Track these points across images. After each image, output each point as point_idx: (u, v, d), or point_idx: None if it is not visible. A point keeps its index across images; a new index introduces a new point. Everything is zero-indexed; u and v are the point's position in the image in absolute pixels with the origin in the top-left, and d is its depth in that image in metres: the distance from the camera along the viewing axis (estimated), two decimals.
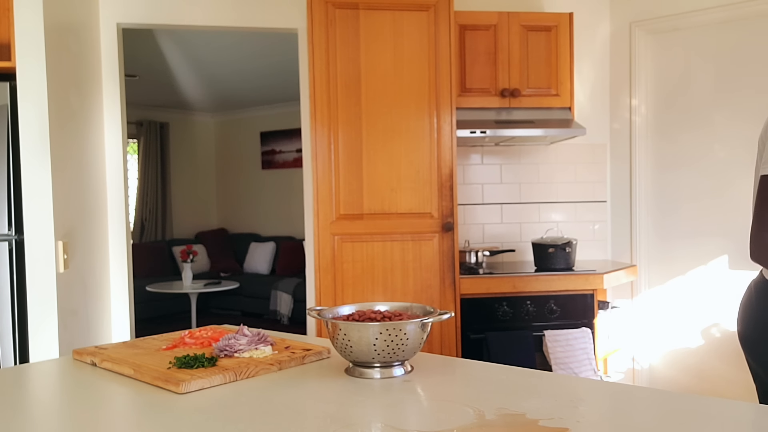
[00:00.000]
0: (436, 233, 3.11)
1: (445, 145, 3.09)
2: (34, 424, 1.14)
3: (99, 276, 3.16)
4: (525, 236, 3.75)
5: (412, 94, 3.07)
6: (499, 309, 3.17)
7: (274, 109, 7.96)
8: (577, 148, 3.81)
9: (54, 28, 2.55)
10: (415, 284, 3.08)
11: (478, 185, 3.74)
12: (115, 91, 3.32)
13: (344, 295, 3.03)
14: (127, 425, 1.14)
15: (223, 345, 1.45)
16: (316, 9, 3.00)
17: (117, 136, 3.33)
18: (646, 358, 3.75)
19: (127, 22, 3.35)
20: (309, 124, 3.11)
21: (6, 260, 2.48)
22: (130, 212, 4.08)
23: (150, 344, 1.59)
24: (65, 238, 2.58)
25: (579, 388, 1.25)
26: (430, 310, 1.40)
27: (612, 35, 3.81)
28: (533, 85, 3.39)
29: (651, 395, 1.17)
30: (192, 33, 5.13)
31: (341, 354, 1.33)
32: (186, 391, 1.22)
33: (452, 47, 3.10)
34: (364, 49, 3.04)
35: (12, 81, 2.45)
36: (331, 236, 3.04)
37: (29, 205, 2.43)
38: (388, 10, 3.05)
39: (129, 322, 3.38)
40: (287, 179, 7.84)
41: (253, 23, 3.44)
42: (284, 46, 5.06)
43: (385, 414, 1.15)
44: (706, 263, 3.55)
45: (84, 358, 1.50)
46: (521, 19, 3.37)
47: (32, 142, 2.42)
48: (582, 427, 1.05)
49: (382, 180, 3.07)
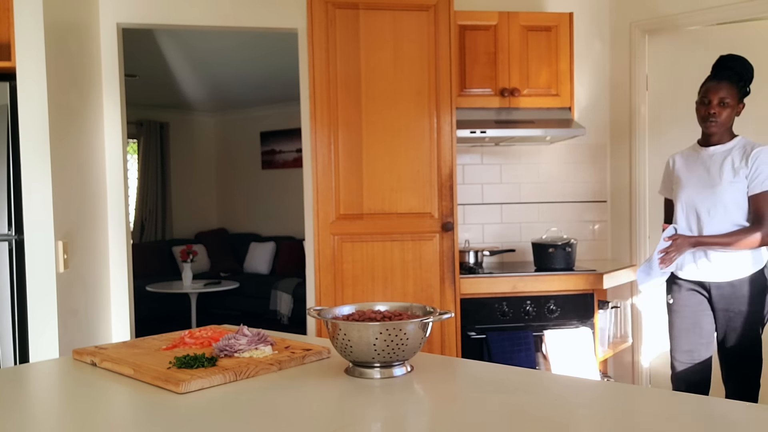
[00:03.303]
0: (436, 233, 3.10)
1: (445, 145, 3.09)
2: (34, 424, 1.14)
3: (99, 276, 3.16)
4: (525, 236, 3.74)
5: (412, 94, 3.07)
6: (499, 309, 3.17)
7: (274, 109, 7.95)
8: (577, 148, 3.81)
9: (54, 28, 2.55)
10: (415, 284, 3.08)
11: (478, 185, 3.74)
12: (115, 91, 3.31)
13: (344, 295, 3.03)
14: (127, 425, 1.14)
15: (223, 345, 1.45)
16: (316, 9, 2.99)
17: (117, 136, 3.33)
18: (646, 357, 3.75)
19: (127, 22, 3.35)
20: (309, 124, 3.10)
21: (6, 260, 2.48)
22: (130, 212, 4.08)
23: (150, 344, 1.59)
24: (65, 238, 2.58)
25: (579, 388, 1.25)
26: (430, 310, 1.40)
27: (612, 35, 3.81)
28: (533, 85, 3.39)
29: (651, 395, 1.17)
30: (192, 33, 5.13)
31: (341, 354, 1.33)
32: (186, 391, 1.22)
33: (452, 47, 3.10)
34: (364, 49, 3.04)
35: (12, 81, 2.45)
36: (331, 236, 3.04)
37: (29, 205, 2.43)
38: (388, 10, 3.05)
39: (129, 322, 3.38)
40: (287, 179, 7.83)
41: (253, 23, 3.44)
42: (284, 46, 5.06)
43: (385, 414, 1.15)
44: None
45: (84, 358, 1.50)
46: (521, 19, 3.37)
47: (32, 142, 2.42)
48: (582, 427, 1.05)
49: (382, 180, 3.07)
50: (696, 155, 2.66)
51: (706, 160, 2.60)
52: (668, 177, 2.80)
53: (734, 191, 2.49)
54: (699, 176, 2.61)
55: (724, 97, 2.52)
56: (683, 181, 2.66)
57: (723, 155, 2.56)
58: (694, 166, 2.64)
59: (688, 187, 2.62)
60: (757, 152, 2.47)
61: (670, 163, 2.79)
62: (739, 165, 2.50)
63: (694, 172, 2.63)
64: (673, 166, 2.76)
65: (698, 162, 2.63)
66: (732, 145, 2.56)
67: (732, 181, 2.49)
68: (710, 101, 2.53)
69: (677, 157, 2.74)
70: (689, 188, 2.62)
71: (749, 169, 2.47)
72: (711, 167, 2.57)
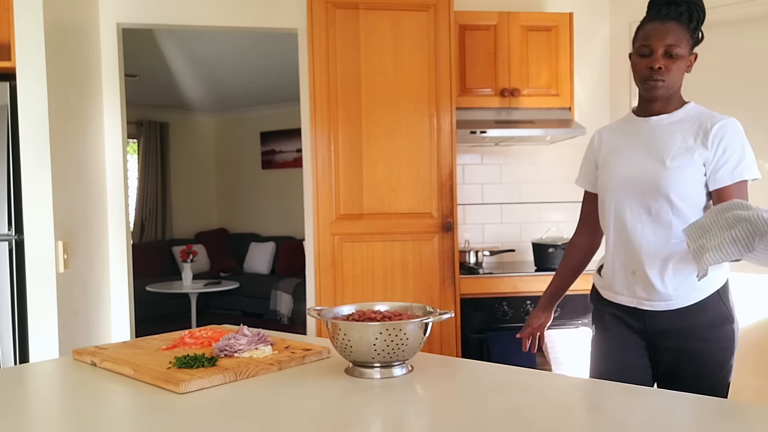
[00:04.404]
0: (436, 233, 3.10)
1: (445, 145, 3.09)
2: (34, 424, 1.14)
3: (99, 276, 3.16)
4: (525, 236, 3.74)
5: (412, 94, 3.07)
6: (499, 309, 3.17)
7: (274, 109, 7.95)
8: (577, 148, 3.79)
9: (54, 28, 2.55)
10: (415, 284, 3.08)
11: (478, 185, 3.74)
12: (115, 91, 3.32)
13: (344, 295, 3.03)
14: (127, 425, 1.14)
15: (223, 345, 1.45)
16: (316, 9, 2.99)
17: (117, 136, 3.33)
18: None
19: (127, 22, 3.35)
20: (309, 124, 3.11)
21: (6, 260, 2.48)
22: (130, 212, 4.08)
23: (150, 344, 1.59)
24: (65, 238, 2.58)
25: (579, 389, 1.25)
26: (430, 310, 1.40)
27: (612, 35, 3.81)
28: (533, 85, 3.39)
29: (650, 395, 1.17)
30: (192, 33, 5.13)
31: (341, 354, 1.33)
32: (186, 391, 1.22)
33: (452, 47, 3.10)
34: (364, 49, 3.04)
35: (12, 81, 2.45)
36: (331, 236, 3.04)
37: (29, 205, 2.43)
38: (388, 10, 3.05)
39: (129, 322, 3.38)
40: (287, 179, 7.83)
41: (253, 23, 3.44)
42: (284, 46, 5.06)
43: (385, 414, 1.15)
44: None
45: (84, 358, 1.50)
46: (521, 19, 3.37)
47: (32, 142, 2.42)
48: (582, 427, 1.05)
49: (382, 180, 3.07)
50: (631, 129, 1.86)
51: (646, 136, 1.80)
52: (590, 161, 1.97)
53: (687, 182, 1.72)
54: (635, 159, 1.80)
55: (673, 44, 1.74)
56: (611, 167, 1.85)
57: (669, 129, 1.78)
58: (629, 143, 1.83)
59: (619, 176, 1.82)
60: (721, 128, 1.71)
61: (595, 141, 1.97)
62: (693, 144, 1.72)
63: (627, 153, 1.83)
64: (599, 144, 1.94)
65: (634, 138, 1.83)
66: (682, 115, 1.79)
67: (683, 166, 1.72)
68: (653, 51, 1.74)
69: (605, 132, 1.94)
70: (620, 178, 1.81)
71: (711, 151, 1.71)
72: (652, 146, 1.77)
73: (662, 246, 1.73)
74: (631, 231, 1.78)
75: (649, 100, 1.80)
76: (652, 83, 1.74)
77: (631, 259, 1.79)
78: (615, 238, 1.83)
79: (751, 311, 3.30)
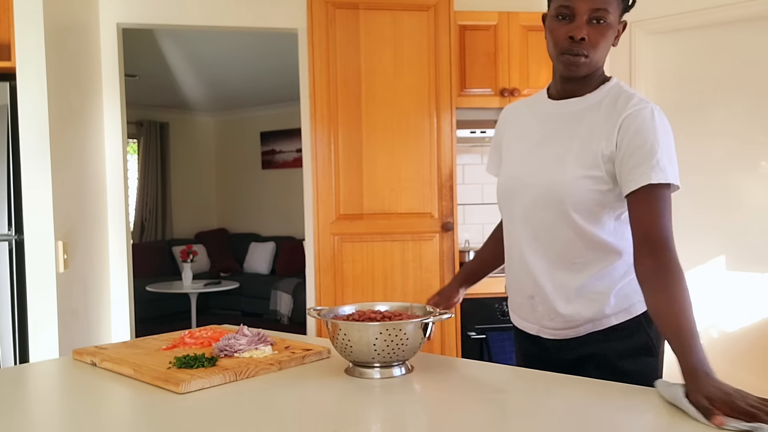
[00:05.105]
0: (436, 233, 3.11)
1: (445, 145, 3.09)
2: (34, 424, 1.14)
3: (99, 276, 3.16)
4: None
5: (412, 94, 3.07)
6: (499, 309, 3.17)
7: (274, 109, 7.95)
8: None
9: (54, 28, 2.55)
10: (415, 284, 3.08)
11: (478, 185, 3.74)
12: (115, 91, 3.32)
13: (344, 295, 3.03)
14: (127, 425, 1.14)
15: (223, 345, 1.45)
16: (316, 9, 3.00)
17: (117, 136, 3.33)
18: None
19: (127, 22, 3.35)
20: (309, 124, 3.11)
21: (6, 260, 2.48)
22: (130, 212, 4.08)
23: (150, 344, 1.59)
24: (65, 238, 2.58)
25: (579, 388, 1.25)
26: (430, 310, 1.40)
27: None
28: (533, 85, 3.39)
29: (650, 395, 1.17)
30: (192, 33, 5.13)
31: (341, 354, 1.33)
32: (186, 391, 1.22)
33: (452, 47, 3.10)
34: (364, 49, 3.04)
35: (12, 81, 2.45)
36: (331, 236, 3.04)
37: (29, 205, 2.43)
38: (388, 10, 3.05)
39: (129, 322, 3.38)
40: (287, 179, 7.83)
41: (253, 23, 3.44)
42: (284, 46, 5.06)
43: (385, 414, 1.15)
44: (704, 263, 3.54)
45: (84, 358, 1.50)
46: (521, 19, 3.37)
47: (32, 142, 2.42)
48: (582, 427, 1.05)
49: (382, 180, 3.07)
50: (537, 115, 1.51)
51: (555, 125, 1.45)
52: (497, 144, 1.65)
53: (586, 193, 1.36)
54: (530, 159, 1.46)
55: (600, 7, 1.34)
56: (505, 165, 1.55)
57: (578, 118, 1.42)
58: (531, 135, 1.49)
59: (514, 177, 1.50)
60: (629, 118, 1.34)
61: (500, 122, 1.65)
62: (600, 139, 1.36)
63: (524, 148, 1.50)
64: (504, 126, 1.62)
65: (537, 130, 1.48)
66: (596, 98, 1.41)
67: (585, 171, 1.36)
68: (575, 14, 1.34)
69: (511, 112, 1.62)
70: (514, 179, 1.50)
71: (617, 146, 1.34)
72: (555, 142, 1.43)
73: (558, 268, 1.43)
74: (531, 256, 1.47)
75: (564, 79, 1.44)
76: (573, 58, 1.36)
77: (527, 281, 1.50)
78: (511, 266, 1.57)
79: (751, 311, 3.30)
